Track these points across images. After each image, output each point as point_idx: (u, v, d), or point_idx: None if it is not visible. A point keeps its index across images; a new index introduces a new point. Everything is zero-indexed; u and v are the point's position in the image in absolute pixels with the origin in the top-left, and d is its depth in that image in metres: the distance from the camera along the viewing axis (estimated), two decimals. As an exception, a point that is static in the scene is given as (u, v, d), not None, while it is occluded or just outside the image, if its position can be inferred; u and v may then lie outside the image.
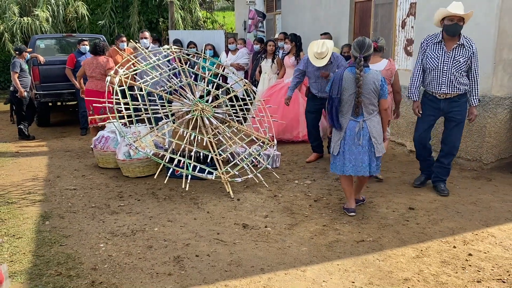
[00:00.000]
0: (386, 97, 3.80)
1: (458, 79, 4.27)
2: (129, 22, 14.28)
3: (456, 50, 4.25)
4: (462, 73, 4.27)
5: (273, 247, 3.41)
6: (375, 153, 3.83)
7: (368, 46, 3.72)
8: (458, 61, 4.23)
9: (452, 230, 3.69)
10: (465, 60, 4.24)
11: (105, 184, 4.93)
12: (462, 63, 4.23)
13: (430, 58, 4.33)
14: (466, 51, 4.24)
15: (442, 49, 4.28)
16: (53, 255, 3.28)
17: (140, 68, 5.14)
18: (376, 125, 3.83)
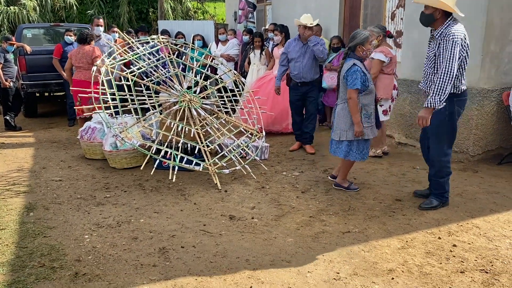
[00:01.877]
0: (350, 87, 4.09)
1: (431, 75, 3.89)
2: (118, 12, 14.14)
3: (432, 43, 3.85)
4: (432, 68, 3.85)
5: (259, 238, 3.41)
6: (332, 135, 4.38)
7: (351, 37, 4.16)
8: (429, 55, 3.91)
9: (437, 221, 3.71)
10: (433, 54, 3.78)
11: (91, 175, 4.88)
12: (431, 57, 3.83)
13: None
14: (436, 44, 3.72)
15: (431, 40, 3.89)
16: (37, 246, 3.24)
17: (127, 58, 5.07)
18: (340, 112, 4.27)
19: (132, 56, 5.11)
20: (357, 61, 4.13)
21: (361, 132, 4.13)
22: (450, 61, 3.55)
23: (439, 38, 3.66)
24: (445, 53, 3.57)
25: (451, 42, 3.54)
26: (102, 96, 4.52)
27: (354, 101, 4.09)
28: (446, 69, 3.55)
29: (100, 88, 4.56)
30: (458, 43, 3.56)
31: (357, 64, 4.09)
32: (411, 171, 5.07)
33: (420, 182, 4.68)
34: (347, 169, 4.44)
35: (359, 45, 4.11)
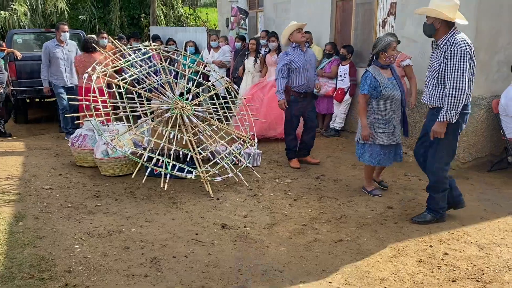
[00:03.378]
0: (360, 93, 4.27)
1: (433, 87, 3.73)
2: (110, 18, 14.10)
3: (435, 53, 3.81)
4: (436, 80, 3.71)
5: (251, 247, 3.40)
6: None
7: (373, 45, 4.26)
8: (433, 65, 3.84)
9: (429, 229, 3.72)
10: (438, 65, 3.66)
11: (82, 183, 4.84)
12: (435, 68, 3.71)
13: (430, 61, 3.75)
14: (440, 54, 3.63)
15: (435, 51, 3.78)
16: (26, 257, 3.20)
17: (118, 65, 5.05)
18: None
19: (124, 63, 5.08)
20: (373, 68, 4.22)
21: (366, 136, 4.21)
22: (461, 72, 3.41)
23: (445, 47, 3.52)
24: (454, 63, 3.42)
25: (459, 51, 3.40)
26: (93, 104, 4.48)
27: (361, 105, 4.27)
28: (457, 81, 3.42)
29: (91, 95, 4.53)
30: (468, 51, 3.43)
31: (369, 71, 4.19)
32: (403, 178, 5.10)
33: (411, 189, 4.70)
34: (367, 172, 4.54)
35: (382, 52, 4.13)
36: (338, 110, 6.98)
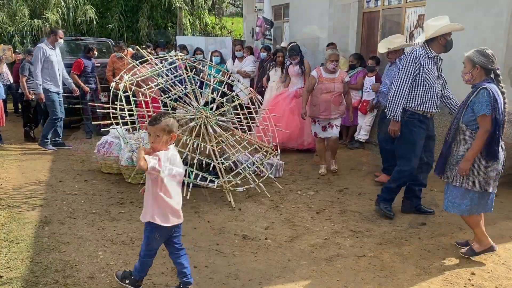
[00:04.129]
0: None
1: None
2: (138, 27, 14.39)
3: (438, 65, 4.03)
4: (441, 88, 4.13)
5: (272, 260, 3.37)
6: None
7: None
8: (442, 76, 4.08)
9: (455, 247, 3.62)
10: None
11: (106, 190, 4.91)
12: (442, 78, 4.11)
13: (428, 74, 3.90)
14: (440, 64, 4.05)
15: (435, 65, 3.97)
16: (51, 262, 3.26)
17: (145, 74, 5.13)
18: None
19: (151, 72, 5.16)
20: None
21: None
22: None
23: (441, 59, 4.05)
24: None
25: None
26: (120, 112, 4.56)
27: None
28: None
29: (118, 103, 4.61)
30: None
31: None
32: (428, 193, 4.98)
33: (437, 205, 4.59)
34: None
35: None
36: (363, 122, 6.90)
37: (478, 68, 3.24)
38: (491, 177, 3.27)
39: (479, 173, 3.26)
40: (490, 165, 3.25)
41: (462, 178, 3.30)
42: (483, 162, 3.25)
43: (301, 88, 6.95)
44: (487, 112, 3.13)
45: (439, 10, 5.66)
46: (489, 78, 3.25)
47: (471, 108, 3.24)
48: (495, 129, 3.15)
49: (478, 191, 3.28)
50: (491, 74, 3.26)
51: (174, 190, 2.79)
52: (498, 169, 3.27)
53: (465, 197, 3.34)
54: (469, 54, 3.29)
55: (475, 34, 5.19)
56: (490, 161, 3.22)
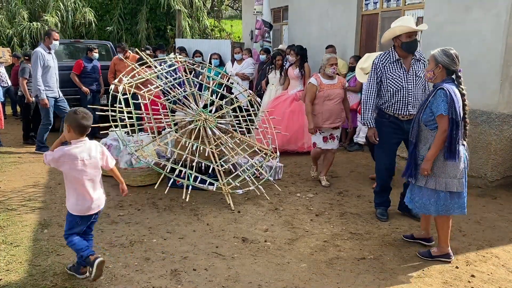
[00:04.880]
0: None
1: (422, 96, 4.00)
2: (137, 29, 14.38)
3: (414, 66, 4.01)
4: (423, 89, 4.05)
5: (272, 262, 3.36)
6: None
7: None
8: (420, 77, 4.02)
9: (454, 249, 3.61)
10: (424, 75, 3.95)
11: (105, 193, 4.87)
12: (422, 79, 4.02)
13: (392, 79, 3.99)
14: (422, 65, 4.02)
15: (401, 68, 3.99)
16: (50, 265, 3.25)
17: (144, 77, 5.13)
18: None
19: (150, 75, 5.16)
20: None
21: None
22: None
23: (422, 58, 4.06)
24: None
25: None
26: (119, 115, 4.56)
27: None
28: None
29: (117, 106, 4.61)
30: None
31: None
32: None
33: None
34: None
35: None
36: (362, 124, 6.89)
37: (440, 67, 3.26)
38: (453, 176, 3.26)
39: (440, 172, 3.27)
40: (451, 165, 3.25)
41: (426, 178, 3.32)
42: (444, 161, 3.26)
43: (300, 91, 6.96)
44: (444, 112, 3.16)
45: (438, 12, 5.68)
46: (450, 78, 3.28)
47: (429, 108, 3.28)
48: (452, 129, 3.17)
49: (442, 190, 3.28)
50: (453, 74, 3.29)
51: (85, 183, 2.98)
52: (460, 168, 3.26)
53: (431, 196, 3.34)
54: (434, 52, 3.31)
55: (474, 35, 5.20)
56: (452, 161, 3.24)
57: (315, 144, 5.26)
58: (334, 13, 7.97)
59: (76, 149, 2.94)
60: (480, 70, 5.15)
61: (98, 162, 3.06)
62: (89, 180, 3.00)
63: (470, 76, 5.24)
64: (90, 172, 2.99)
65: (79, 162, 2.93)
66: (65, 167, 2.93)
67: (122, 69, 7.43)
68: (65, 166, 2.93)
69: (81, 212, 3.00)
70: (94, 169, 3.03)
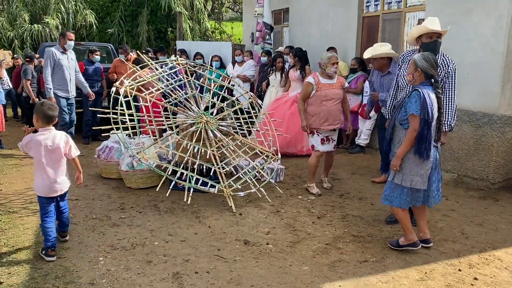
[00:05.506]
0: None
1: None
2: (137, 31, 14.40)
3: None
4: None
5: (274, 265, 3.35)
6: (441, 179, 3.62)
7: None
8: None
9: (457, 252, 3.61)
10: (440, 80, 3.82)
11: (107, 195, 4.90)
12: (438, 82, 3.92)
13: (403, 76, 4.00)
14: (440, 70, 3.85)
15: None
16: (52, 268, 3.24)
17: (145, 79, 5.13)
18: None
19: (151, 77, 5.16)
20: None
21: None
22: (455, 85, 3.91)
23: (444, 64, 3.87)
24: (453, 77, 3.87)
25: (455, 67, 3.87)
26: (120, 117, 4.56)
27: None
28: (455, 92, 3.88)
29: (118, 108, 4.61)
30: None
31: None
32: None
33: (438, 209, 4.58)
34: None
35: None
36: (364, 126, 6.90)
37: (419, 71, 3.39)
38: (419, 175, 3.40)
39: (408, 169, 3.42)
40: (419, 163, 3.38)
41: (394, 173, 3.49)
42: (413, 159, 3.39)
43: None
44: (415, 112, 3.29)
45: (439, 14, 5.67)
46: (428, 82, 3.40)
47: (404, 107, 3.42)
48: (423, 129, 3.29)
49: (407, 186, 3.44)
50: (431, 79, 3.40)
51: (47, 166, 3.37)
52: (427, 167, 3.39)
53: (396, 190, 3.52)
54: (415, 56, 3.45)
55: (476, 38, 5.20)
56: (420, 159, 3.36)
57: (313, 147, 5.09)
58: (335, 15, 7.97)
59: (41, 136, 3.35)
60: (482, 72, 5.15)
61: (61, 149, 3.41)
62: (52, 164, 3.38)
63: (472, 78, 5.25)
64: (53, 157, 3.38)
65: (43, 148, 3.33)
66: (31, 151, 3.36)
67: (124, 71, 7.44)
68: (31, 151, 3.35)
69: (45, 193, 3.40)
70: (57, 155, 3.40)
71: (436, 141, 3.47)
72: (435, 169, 3.46)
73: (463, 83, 5.33)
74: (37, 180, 3.40)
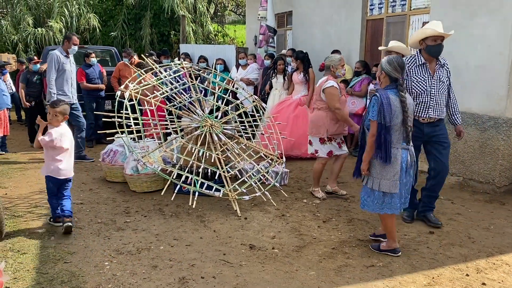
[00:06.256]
0: None
1: (444, 101, 4.09)
2: (141, 35, 14.41)
3: (439, 71, 4.04)
4: (446, 94, 4.11)
5: (280, 270, 3.34)
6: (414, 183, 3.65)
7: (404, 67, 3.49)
8: (443, 82, 4.05)
9: (464, 257, 3.58)
10: (447, 80, 4.09)
11: (112, 199, 4.89)
12: (445, 84, 4.08)
13: (417, 82, 4.01)
14: (445, 71, 4.08)
15: (427, 72, 4.01)
16: (57, 272, 3.23)
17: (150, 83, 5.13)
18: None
19: (156, 81, 5.16)
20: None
21: None
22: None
23: (446, 64, 4.09)
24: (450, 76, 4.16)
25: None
26: (125, 121, 4.56)
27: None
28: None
29: (123, 112, 4.61)
30: None
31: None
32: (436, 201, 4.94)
33: (444, 213, 4.56)
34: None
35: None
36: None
37: (384, 74, 3.45)
38: (386, 178, 3.42)
39: (376, 173, 3.47)
40: (384, 167, 3.42)
41: (366, 178, 3.57)
42: (378, 163, 3.44)
43: (304, 96, 6.95)
44: (372, 117, 3.37)
45: (444, 17, 5.66)
46: (393, 85, 3.43)
47: (367, 113, 3.49)
48: (379, 133, 3.34)
49: (376, 190, 3.48)
50: (396, 82, 3.42)
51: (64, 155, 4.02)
52: (394, 171, 3.40)
53: (369, 194, 3.57)
54: (382, 60, 3.50)
55: (480, 41, 5.18)
56: (384, 163, 3.39)
57: (331, 153, 4.95)
58: (339, 18, 7.97)
59: (59, 129, 3.98)
60: (487, 75, 5.13)
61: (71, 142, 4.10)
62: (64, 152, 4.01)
63: (477, 81, 5.24)
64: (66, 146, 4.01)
65: (60, 139, 3.93)
66: (60, 143, 3.94)
67: (128, 74, 7.44)
68: (60, 143, 3.94)
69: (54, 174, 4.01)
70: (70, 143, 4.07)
71: (408, 143, 3.45)
72: (405, 171, 3.46)
73: (468, 86, 5.32)
74: (48, 164, 3.98)
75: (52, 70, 6.06)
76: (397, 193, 3.45)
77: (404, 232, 4.05)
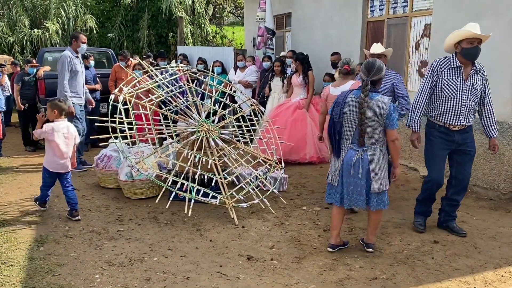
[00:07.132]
0: (394, 127, 3.37)
1: (474, 109, 3.92)
2: (138, 36, 14.28)
3: (473, 77, 3.85)
4: (477, 102, 3.93)
5: (279, 283, 3.18)
6: (371, 188, 3.44)
7: (378, 69, 3.39)
8: (476, 89, 3.85)
9: (471, 268, 3.43)
10: (481, 88, 3.87)
11: (105, 206, 4.74)
12: (478, 91, 3.87)
13: (447, 85, 3.83)
14: (480, 78, 3.87)
15: (460, 76, 3.82)
16: (45, 286, 3.08)
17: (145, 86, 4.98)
18: (379, 158, 3.43)
19: (151, 84, 5.02)
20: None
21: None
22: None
23: (482, 71, 3.91)
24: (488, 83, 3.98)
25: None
26: (119, 126, 4.41)
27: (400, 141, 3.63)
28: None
29: (117, 116, 4.46)
30: None
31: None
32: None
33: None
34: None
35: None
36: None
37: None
38: (332, 170, 3.63)
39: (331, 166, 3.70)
40: (333, 160, 3.64)
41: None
42: (331, 156, 3.69)
43: (303, 99, 6.81)
44: (329, 112, 3.64)
45: (447, 19, 5.54)
46: (361, 85, 3.49)
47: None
48: (329, 127, 3.58)
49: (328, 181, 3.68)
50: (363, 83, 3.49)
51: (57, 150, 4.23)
52: (337, 166, 3.56)
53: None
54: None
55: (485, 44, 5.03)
56: (334, 157, 3.62)
57: None
58: (339, 20, 7.83)
59: (60, 125, 4.25)
60: (492, 78, 4.96)
61: (73, 137, 4.35)
62: (65, 147, 4.25)
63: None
64: (66, 142, 4.27)
65: (61, 134, 4.21)
66: (50, 137, 4.17)
67: (124, 76, 7.30)
68: (50, 137, 4.17)
69: (52, 168, 4.27)
70: (69, 141, 4.30)
71: (360, 145, 3.43)
72: (348, 171, 3.47)
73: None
74: (49, 158, 4.24)
75: (66, 71, 5.77)
76: (338, 187, 3.56)
77: (407, 242, 3.91)
